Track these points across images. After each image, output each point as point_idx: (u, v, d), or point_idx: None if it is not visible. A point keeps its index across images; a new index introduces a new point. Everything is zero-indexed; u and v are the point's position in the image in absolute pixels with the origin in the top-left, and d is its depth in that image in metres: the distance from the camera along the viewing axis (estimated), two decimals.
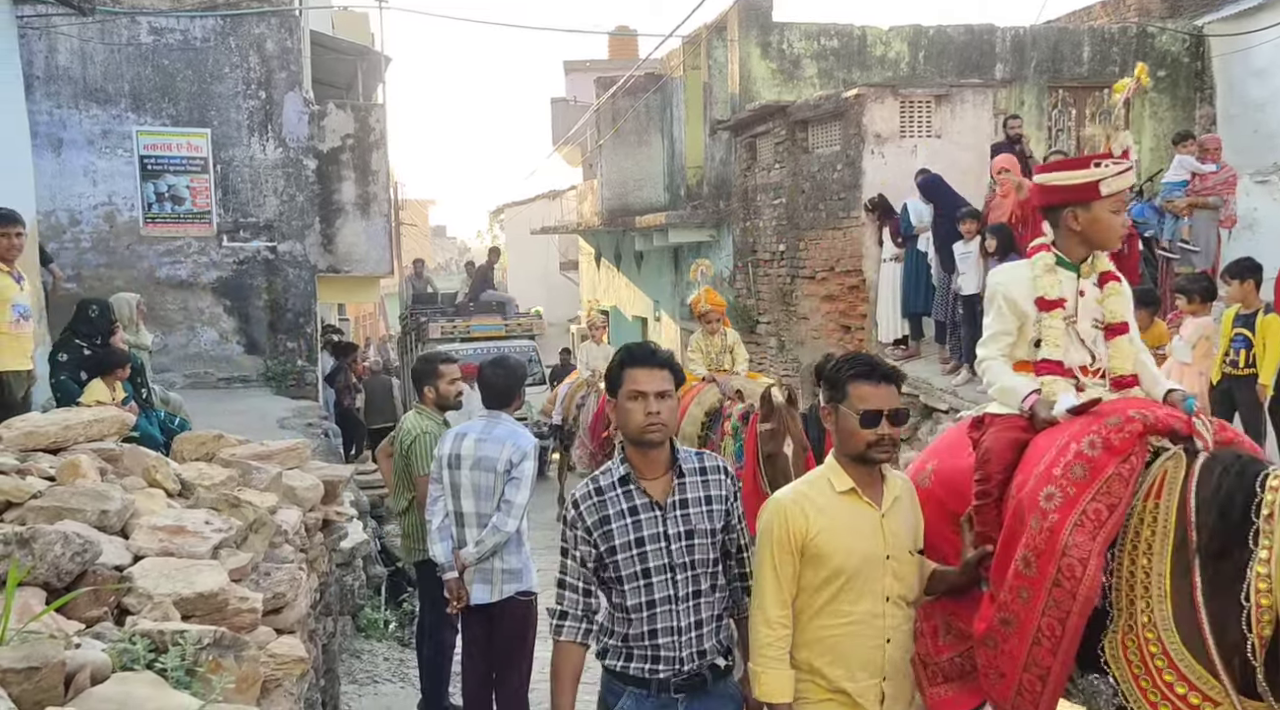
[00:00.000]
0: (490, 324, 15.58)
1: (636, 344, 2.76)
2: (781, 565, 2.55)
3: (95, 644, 2.26)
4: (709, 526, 2.65)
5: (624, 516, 2.61)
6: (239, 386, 10.45)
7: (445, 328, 14.99)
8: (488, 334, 15.24)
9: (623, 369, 2.64)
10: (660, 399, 2.59)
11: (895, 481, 2.69)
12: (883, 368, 2.61)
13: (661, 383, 2.61)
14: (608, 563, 2.62)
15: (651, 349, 2.70)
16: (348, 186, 11.03)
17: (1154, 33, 12.50)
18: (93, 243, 10.18)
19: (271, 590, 3.01)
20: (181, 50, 10.28)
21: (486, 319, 15.73)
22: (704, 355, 7.41)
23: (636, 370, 2.63)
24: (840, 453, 2.64)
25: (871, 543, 2.57)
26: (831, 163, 11.00)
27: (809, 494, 2.62)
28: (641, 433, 2.60)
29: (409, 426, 4.94)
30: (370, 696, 5.44)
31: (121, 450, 3.60)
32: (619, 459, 2.70)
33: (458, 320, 15.46)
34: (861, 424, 2.53)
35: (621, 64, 22.13)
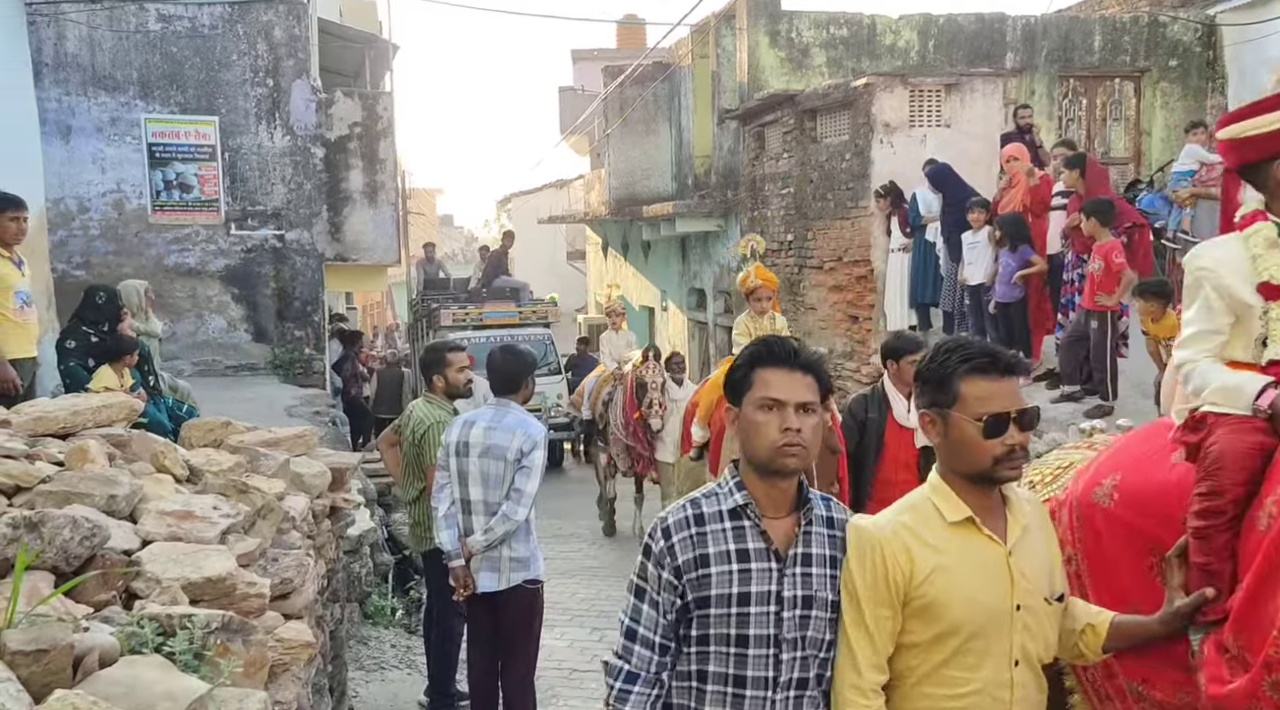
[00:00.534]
0: (504, 311, 14.96)
1: (774, 338, 2.18)
2: (878, 619, 2.00)
3: (104, 627, 2.26)
4: (829, 596, 2.05)
5: (728, 560, 2.01)
6: (247, 374, 10.48)
7: (457, 315, 14.43)
8: (501, 321, 14.61)
9: (752, 369, 2.07)
10: (803, 413, 2.01)
11: (1021, 506, 2.09)
12: (1004, 358, 2.03)
13: (805, 391, 2.03)
14: (694, 616, 2.03)
15: (793, 347, 2.10)
16: (355, 175, 11.03)
17: (1165, 22, 12.41)
18: (101, 230, 10.21)
19: (279, 576, 3.02)
20: (189, 38, 10.28)
21: (500, 306, 15.13)
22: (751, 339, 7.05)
23: (772, 372, 2.05)
24: (951, 470, 2.06)
25: (997, 590, 2.00)
26: (840, 152, 10.95)
27: (912, 526, 2.04)
28: (774, 456, 2.00)
29: (421, 415, 4.93)
30: (377, 683, 5.47)
31: (130, 436, 3.60)
32: (732, 482, 2.09)
33: (470, 307, 14.88)
34: (986, 433, 1.97)
35: (629, 53, 22.07)
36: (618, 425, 9.52)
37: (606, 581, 7.96)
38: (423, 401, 5.11)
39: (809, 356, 2.09)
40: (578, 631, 6.60)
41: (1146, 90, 12.35)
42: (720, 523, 2.05)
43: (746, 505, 2.05)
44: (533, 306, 15.47)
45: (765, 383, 2.04)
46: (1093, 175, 7.74)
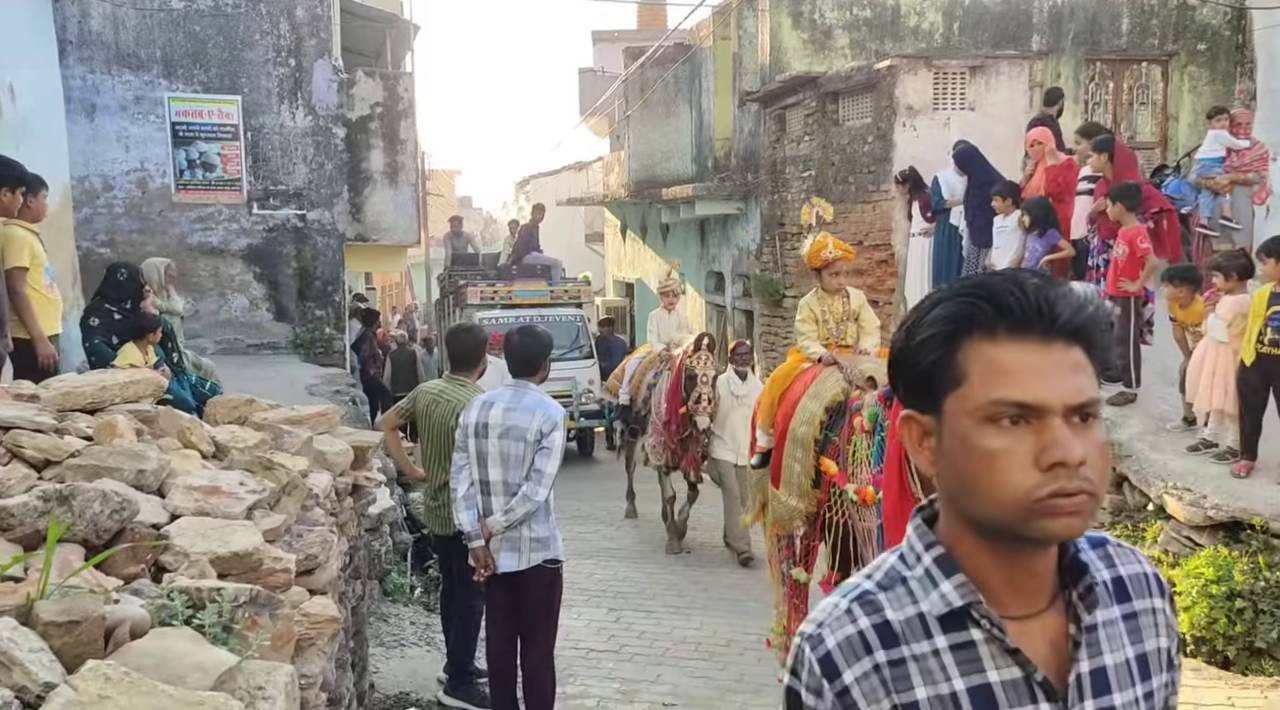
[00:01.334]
0: (534, 290, 14.12)
1: (1000, 279, 1.12)
2: None
3: (134, 600, 2.29)
4: None
5: (957, 704, 1.10)
6: (268, 353, 10.56)
7: (485, 292, 13.65)
8: (531, 300, 13.83)
9: (963, 339, 1.10)
10: (1083, 425, 1.07)
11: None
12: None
13: (1077, 380, 1.07)
14: None
15: (1045, 294, 1.08)
16: (376, 155, 11.05)
17: (1194, 4, 12.22)
18: (125, 208, 10.28)
19: (304, 551, 3.05)
20: (213, 17, 10.30)
21: (530, 284, 14.23)
22: (820, 325, 5.18)
23: (1011, 347, 1.08)
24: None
25: None
26: (862, 135, 10.88)
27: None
28: (1031, 515, 1.06)
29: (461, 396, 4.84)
30: (397, 659, 5.52)
31: (157, 412, 3.64)
32: (929, 557, 1.15)
33: (498, 285, 14.03)
34: None
35: (650, 34, 21.95)
36: (659, 415, 8.64)
37: (624, 562, 8.01)
38: (444, 380, 5.09)
39: (1076, 309, 1.09)
40: (595, 612, 6.64)
41: (1174, 74, 12.17)
42: (927, 639, 1.11)
43: (971, 605, 1.11)
44: (564, 285, 14.68)
45: (999, 369, 1.07)
46: (1121, 159, 7.65)
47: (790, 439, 4.93)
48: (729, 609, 6.79)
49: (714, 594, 7.10)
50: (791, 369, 5.23)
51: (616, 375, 10.07)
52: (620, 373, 9.89)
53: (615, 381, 9.97)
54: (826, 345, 5.12)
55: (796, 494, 4.92)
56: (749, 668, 5.70)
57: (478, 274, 15.14)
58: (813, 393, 4.88)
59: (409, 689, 5.14)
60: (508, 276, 14.57)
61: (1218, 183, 8.35)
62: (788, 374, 5.22)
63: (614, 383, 10.03)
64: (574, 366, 13.21)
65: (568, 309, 14.02)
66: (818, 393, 4.86)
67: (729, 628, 6.40)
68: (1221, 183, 8.32)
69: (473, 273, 15.22)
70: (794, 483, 4.92)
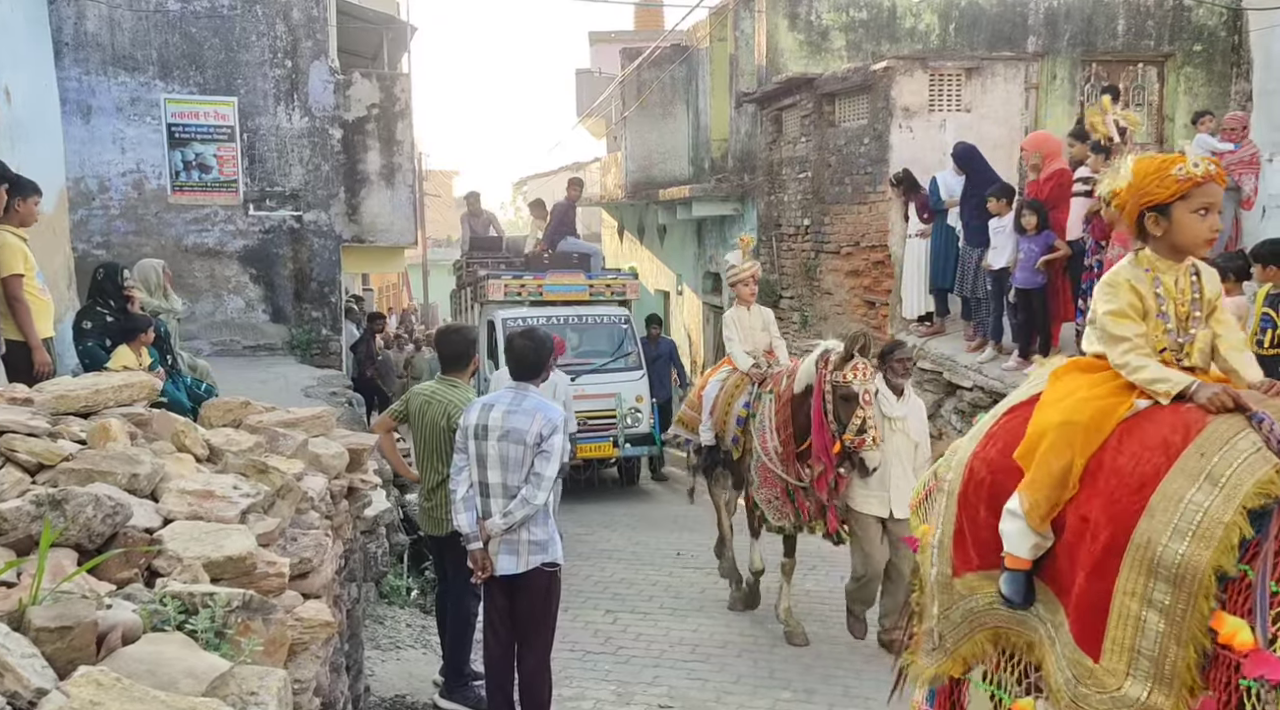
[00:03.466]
0: (570, 284, 11.59)
1: None
2: None
3: (126, 605, 2.29)
4: None
5: None
6: (264, 354, 10.55)
7: (510, 287, 11.26)
8: (566, 296, 11.45)
9: None
10: None
11: None
12: None
13: None
14: None
15: None
16: (372, 156, 11.04)
17: (1191, 6, 12.24)
18: (121, 210, 10.27)
19: (298, 555, 3.04)
20: (209, 18, 10.30)
21: (565, 277, 11.68)
22: (1154, 325, 2.76)
23: None
24: None
25: None
26: (858, 136, 10.89)
27: None
28: None
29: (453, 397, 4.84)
30: (393, 662, 5.52)
31: (151, 415, 3.63)
32: None
33: (527, 277, 11.53)
34: None
35: (647, 35, 21.95)
36: (769, 457, 5.98)
37: (619, 564, 8.00)
38: (437, 382, 5.06)
39: None
40: (591, 613, 6.64)
41: (1170, 75, 12.20)
42: None
43: None
44: (606, 279, 12.05)
45: None
46: None
47: (1134, 559, 2.32)
48: (725, 611, 6.79)
49: (710, 596, 7.10)
50: (1085, 406, 2.60)
51: (691, 404, 7.27)
52: (695, 401, 7.13)
53: (690, 412, 7.24)
54: (1164, 361, 2.66)
55: (1152, 682, 2.27)
56: (746, 669, 5.70)
57: (500, 262, 12.92)
58: (1195, 470, 2.32)
59: (405, 692, 5.13)
60: (537, 267, 12.00)
61: None
62: (1092, 419, 2.56)
63: (689, 414, 7.27)
64: (618, 380, 10.92)
65: (610, 307, 11.65)
66: (1216, 473, 2.29)
67: (725, 629, 6.40)
68: None
69: (494, 261, 13.03)
70: (1152, 658, 2.28)
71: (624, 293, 11.93)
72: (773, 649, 6.03)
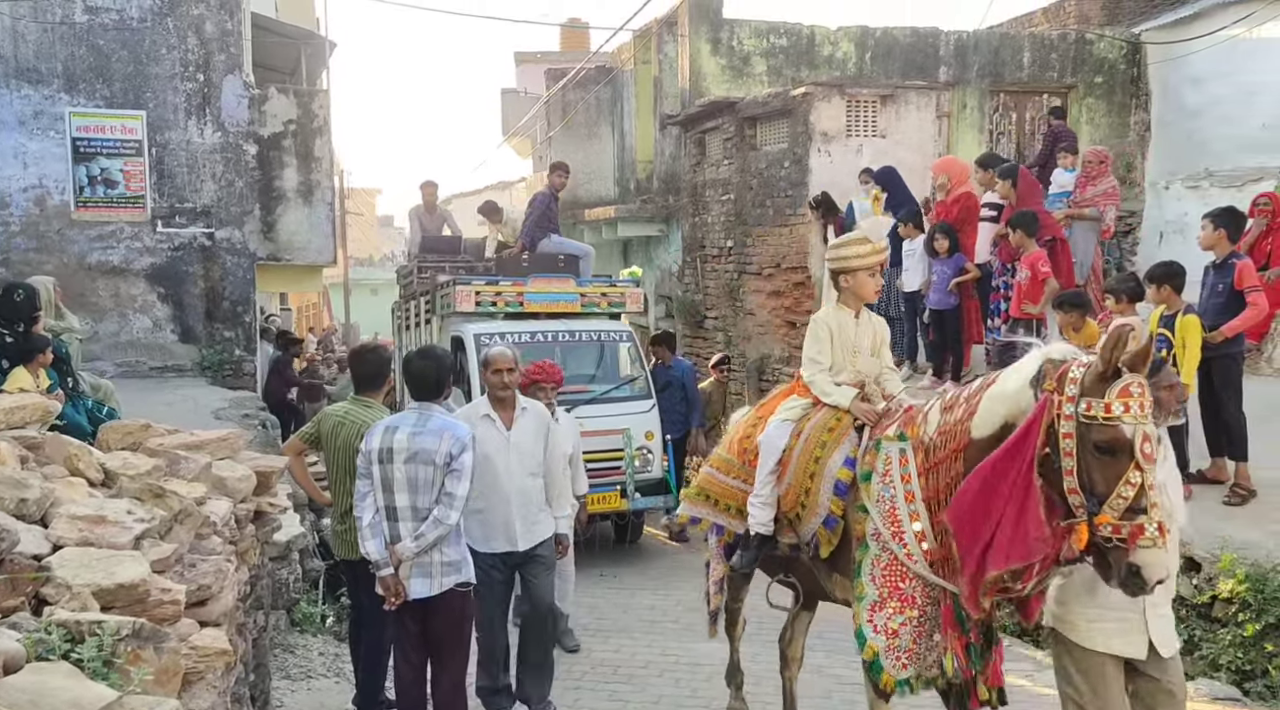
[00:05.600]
0: (557, 291, 9.32)
1: None
2: None
3: (10, 634, 2.19)
4: None
5: None
6: (173, 376, 10.20)
7: (483, 295, 9.02)
8: (552, 307, 9.23)
9: None
10: None
11: None
12: None
13: None
14: None
15: None
16: (289, 173, 10.82)
17: (1092, 39, 12.79)
18: (21, 226, 9.87)
19: (196, 582, 2.94)
20: (117, 30, 10.01)
21: (550, 283, 9.38)
22: None
23: None
24: None
25: None
26: (779, 160, 11.09)
27: None
28: None
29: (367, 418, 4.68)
30: (304, 692, 5.36)
31: (43, 438, 3.49)
32: None
33: (503, 283, 9.25)
34: None
35: (573, 56, 22.07)
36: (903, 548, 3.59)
37: None
38: (351, 402, 4.93)
39: None
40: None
41: (1073, 105, 12.70)
42: None
43: None
44: (601, 286, 9.71)
45: None
46: (1024, 187, 7.95)
47: None
48: (647, 630, 6.77)
49: (633, 616, 7.06)
50: None
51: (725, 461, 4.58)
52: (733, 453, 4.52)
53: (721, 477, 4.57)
54: None
55: None
56: (666, 689, 5.68)
57: (460, 266, 10.78)
58: None
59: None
60: (513, 270, 9.77)
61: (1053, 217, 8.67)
62: None
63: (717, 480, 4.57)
64: (623, 412, 8.73)
65: (605, 322, 9.47)
66: None
67: (647, 649, 6.37)
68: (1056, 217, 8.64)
69: (455, 265, 10.84)
70: None
71: (623, 303, 9.58)
72: (694, 669, 6.02)
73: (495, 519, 4.84)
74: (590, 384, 9.05)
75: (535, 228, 10.49)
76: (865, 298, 4.25)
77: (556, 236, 10.68)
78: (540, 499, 4.99)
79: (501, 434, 4.85)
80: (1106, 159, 8.69)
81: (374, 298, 40.92)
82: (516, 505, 4.85)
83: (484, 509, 4.76)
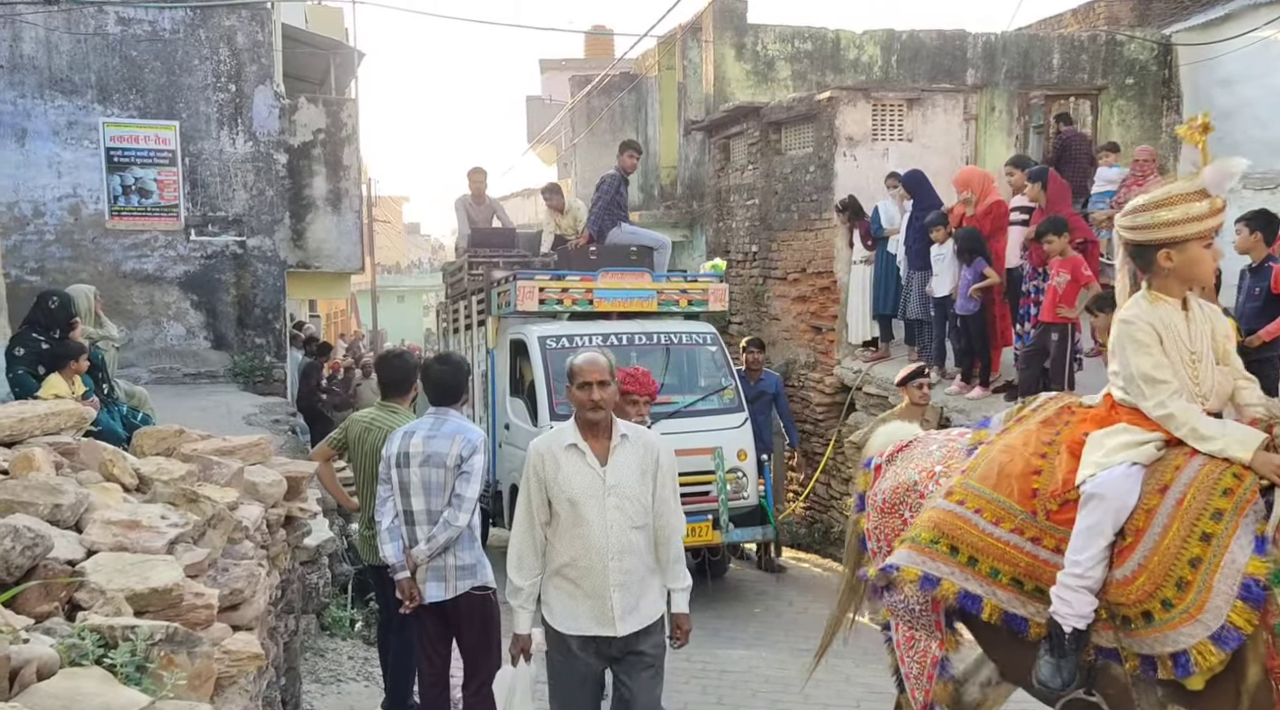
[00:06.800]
0: (631, 288, 8.23)
1: None
2: None
3: (44, 639, 2.22)
4: None
5: None
6: (206, 382, 10.33)
7: (547, 291, 8.04)
8: (625, 305, 8.19)
9: None
10: None
11: None
12: None
13: None
14: None
15: None
16: (319, 182, 10.94)
17: (1123, 41, 12.65)
18: (57, 235, 10.04)
19: (229, 586, 2.98)
20: (150, 41, 10.16)
21: (623, 278, 8.27)
22: None
23: None
24: None
25: None
26: (804, 164, 11.05)
27: None
28: None
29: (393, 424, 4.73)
30: (334, 695, 5.39)
31: (78, 444, 3.54)
32: None
33: (570, 278, 8.20)
34: None
35: (597, 63, 22.13)
36: None
37: None
38: (377, 408, 4.96)
39: None
40: None
41: (1103, 107, 12.56)
42: None
43: None
44: (680, 281, 8.64)
45: None
46: (1054, 190, 7.87)
47: None
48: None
49: None
50: None
51: (975, 503, 3.16)
52: (1009, 490, 3.10)
53: (998, 539, 3.09)
54: None
55: None
56: (693, 695, 5.66)
57: (514, 260, 9.66)
58: None
59: None
60: (581, 264, 8.51)
61: (1097, 217, 8.58)
62: None
63: (982, 538, 3.09)
64: (712, 426, 7.67)
65: (686, 323, 8.45)
66: None
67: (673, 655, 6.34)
68: (1100, 218, 8.56)
69: (509, 259, 9.70)
70: None
71: (705, 301, 8.45)
72: (722, 675, 6.00)
73: (584, 589, 3.44)
74: (669, 394, 7.70)
75: (604, 215, 9.14)
76: (1200, 280, 3.02)
77: (628, 224, 9.44)
78: (648, 561, 3.50)
79: (593, 471, 3.43)
80: (1154, 158, 8.63)
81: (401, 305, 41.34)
82: (615, 572, 3.41)
83: (570, 575, 3.45)
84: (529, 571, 3.46)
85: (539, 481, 3.42)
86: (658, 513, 3.49)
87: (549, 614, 3.49)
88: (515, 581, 3.45)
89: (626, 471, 3.44)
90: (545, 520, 3.44)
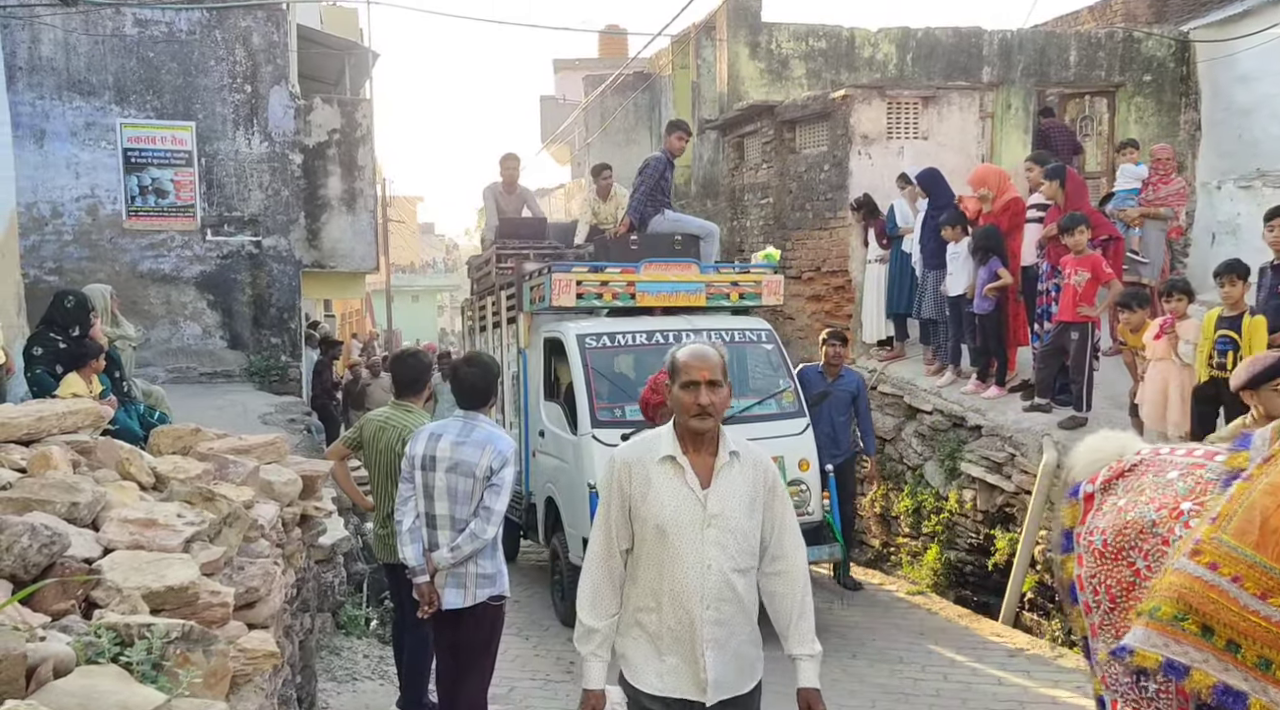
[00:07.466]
0: (676, 280, 7.43)
1: None
2: None
3: (61, 637, 2.23)
4: None
5: None
6: (222, 381, 10.39)
7: (585, 284, 7.26)
8: (671, 299, 7.42)
9: None
10: None
11: None
12: None
13: None
14: None
15: None
16: (334, 182, 10.99)
17: (1140, 38, 12.55)
18: (75, 235, 10.12)
19: (244, 585, 2.98)
20: (166, 43, 10.23)
21: (668, 270, 7.46)
22: None
23: None
24: None
25: None
26: (819, 163, 11.01)
27: None
28: None
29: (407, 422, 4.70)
30: (349, 694, 5.40)
31: (95, 442, 3.56)
32: None
33: (610, 270, 7.42)
34: None
35: (611, 62, 22.13)
36: None
37: None
38: (392, 407, 4.96)
39: None
40: (553, 642, 6.57)
41: (1121, 105, 12.46)
42: None
43: None
44: (731, 274, 7.89)
45: None
46: (1072, 187, 7.81)
47: None
48: None
49: None
50: None
51: (1231, 569, 2.42)
52: None
53: (1261, 617, 2.35)
54: None
55: None
56: None
57: (546, 252, 8.93)
58: None
59: None
60: (621, 255, 7.77)
61: (1128, 215, 8.53)
62: None
63: (1243, 617, 2.37)
64: (769, 433, 6.63)
65: (737, 318, 7.71)
66: None
67: None
68: (1131, 216, 8.51)
69: (540, 251, 8.95)
70: None
71: (758, 295, 7.67)
72: None
73: (670, 639, 2.74)
74: None
75: (646, 201, 8.34)
76: None
77: (671, 212, 8.61)
78: (753, 613, 2.81)
79: (692, 493, 2.73)
80: (1173, 157, 8.60)
81: (415, 304, 41.48)
82: (709, 624, 2.71)
83: (648, 623, 2.77)
84: (605, 610, 2.76)
85: (622, 499, 2.73)
86: (774, 555, 2.78)
87: (627, 666, 2.79)
88: (587, 621, 2.75)
89: (733, 499, 2.73)
90: (627, 547, 2.76)
